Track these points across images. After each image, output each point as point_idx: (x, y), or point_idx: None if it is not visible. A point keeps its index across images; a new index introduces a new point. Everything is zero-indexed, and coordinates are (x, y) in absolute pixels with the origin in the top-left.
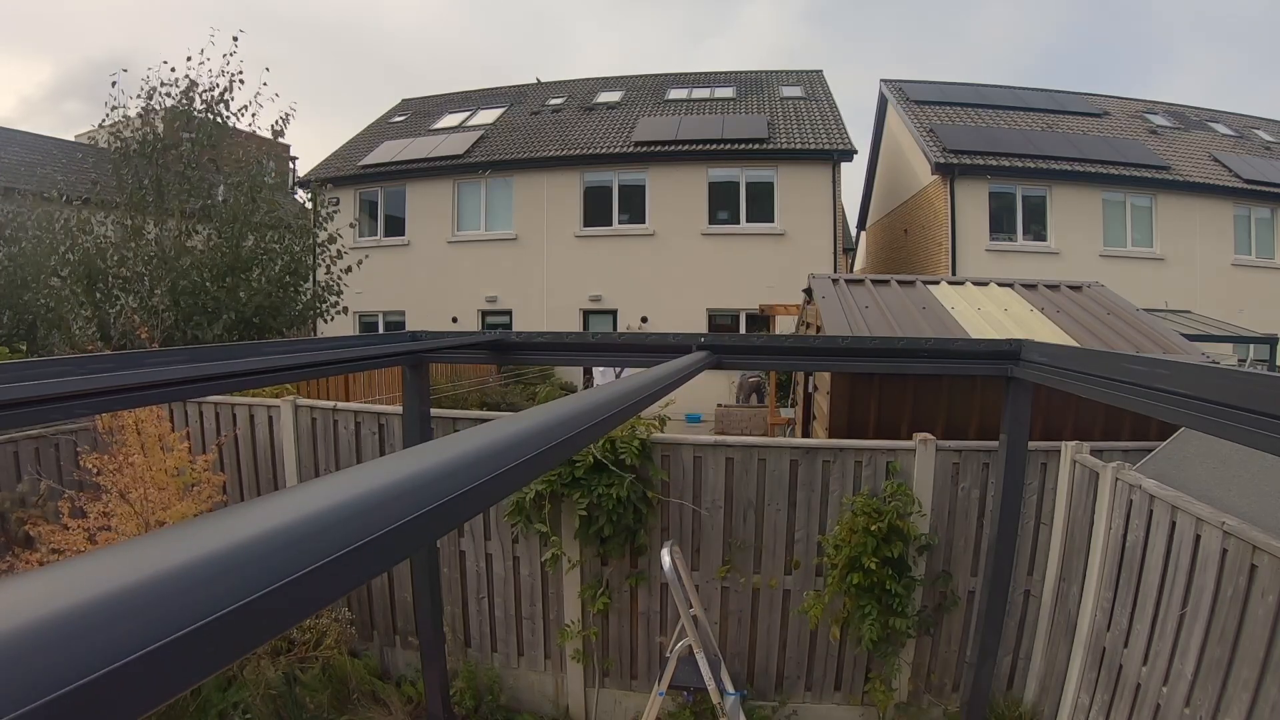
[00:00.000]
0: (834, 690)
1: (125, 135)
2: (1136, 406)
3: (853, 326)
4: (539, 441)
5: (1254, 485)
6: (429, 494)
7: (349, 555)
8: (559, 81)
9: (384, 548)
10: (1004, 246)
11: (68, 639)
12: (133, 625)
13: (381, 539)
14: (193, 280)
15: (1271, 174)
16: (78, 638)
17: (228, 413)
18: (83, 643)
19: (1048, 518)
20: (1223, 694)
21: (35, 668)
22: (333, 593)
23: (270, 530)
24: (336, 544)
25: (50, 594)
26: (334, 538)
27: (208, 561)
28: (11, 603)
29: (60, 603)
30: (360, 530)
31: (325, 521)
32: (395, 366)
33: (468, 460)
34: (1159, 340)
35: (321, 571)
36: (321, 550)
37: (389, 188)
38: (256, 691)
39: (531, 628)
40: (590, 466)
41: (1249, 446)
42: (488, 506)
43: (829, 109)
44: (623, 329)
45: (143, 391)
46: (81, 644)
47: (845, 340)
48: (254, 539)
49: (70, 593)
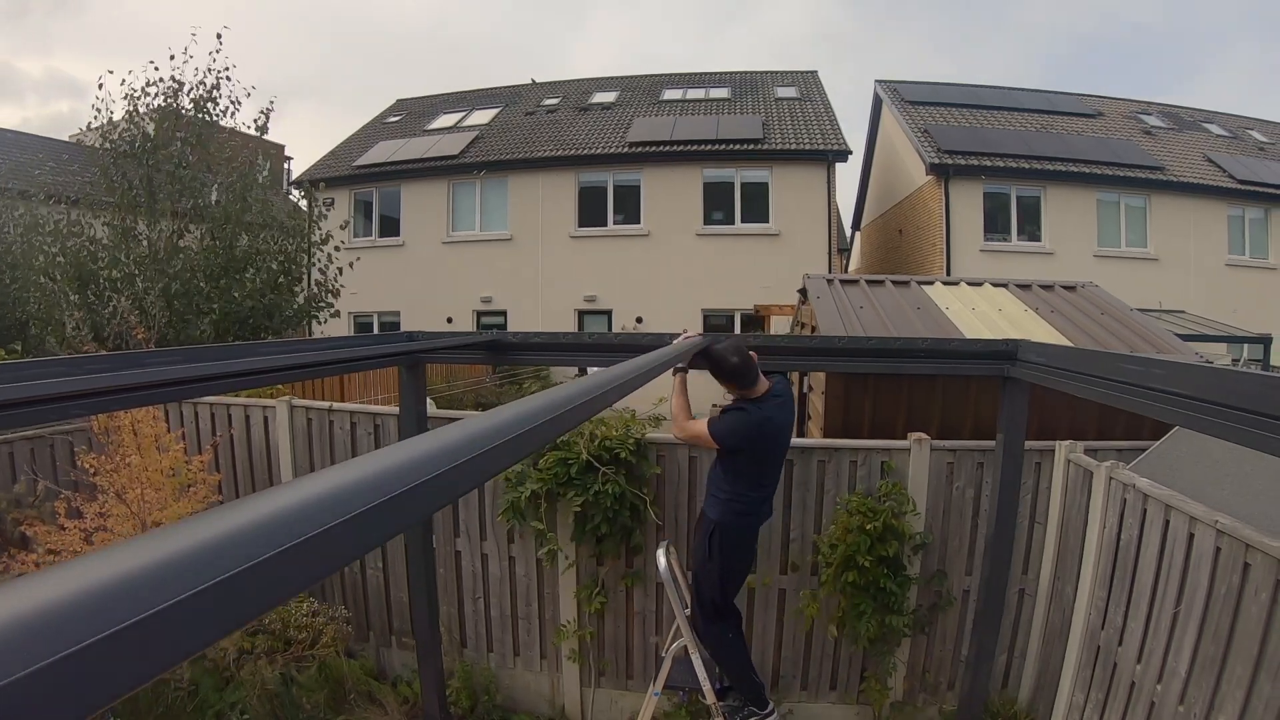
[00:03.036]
0: (829, 689)
1: (114, 137)
2: (1132, 406)
3: (847, 327)
4: (512, 429)
5: (1247, 484)
6: (413, 473)
7: (316, 539)
8: (554, 82)
9: (371, 523)
10: (998, 247)
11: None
12: (114, 599)
13: (369, 513)
14: (185, 281)
15: (1265, 174)
16: (54, 611)
17: (223, 413)
18: (59, 616)
19: (1042, 517)
20: (1216, 691)
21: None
22: (317, 570)
23: (243, 523)
24: (304, 530)
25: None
26: (302, 525)
27: (194, 540)
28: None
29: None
30: (327, 516)
31: (312, 500)
32: (392, 367)
33: (447, 448)
34: (1153, 340)
35: (305, 546)
36: (288, 536)
37: (384, 188)
38: (253, 691)
39: (527, 628)
40: (584, 466)
41: (1244, 445)
42: (466, 491)
43: (824, 109)
44: (618, 329)
45: (139, 392)
46: (58, 617)
47: (843, 340)
48: (230, 531)
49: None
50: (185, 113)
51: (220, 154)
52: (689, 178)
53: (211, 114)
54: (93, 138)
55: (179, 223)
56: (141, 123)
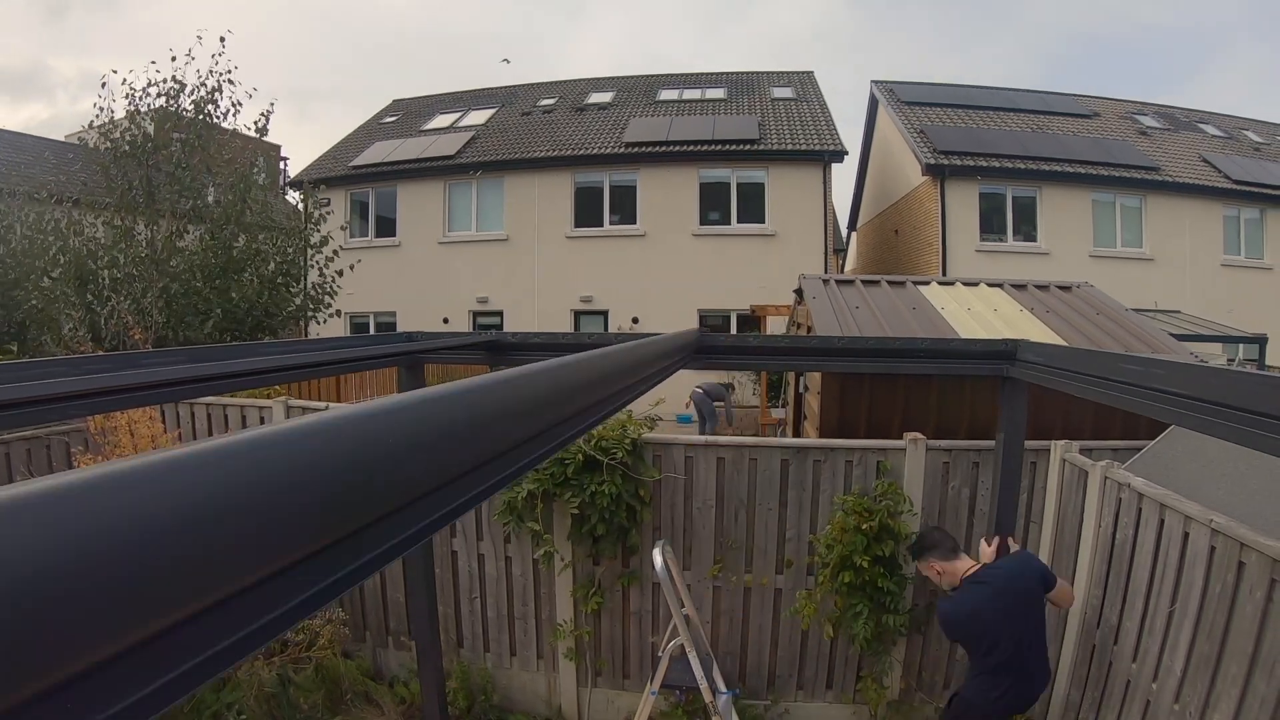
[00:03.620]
0: (826, 689)
1: (114, 137)
2: (1130, 406)
3: (843, 327)
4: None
5: (1241, 483)
6: None
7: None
8: (550, 82)
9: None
10: (994, 247)
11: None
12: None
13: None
14: (184, 281)
15: (1261, 175)
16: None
17: (219, 414)
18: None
19: (1037, 516)
20: (1211, 689)
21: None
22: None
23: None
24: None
25: None
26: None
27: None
28: None
29: None
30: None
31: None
32: (392, 367)
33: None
34: (1148, 340)
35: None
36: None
37: (380, 188)
38: (250, 692)
39: (524, 627)
40: (581, 466)
41: (1241, 444)
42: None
43: (820, 110)
44: (614, 330)
45: (138, 392)
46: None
47: (842, 340)
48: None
49: None
50: (185, 114)
51: (220, 156)
52: (685, 178)
53: (212, 116)
54: (93, 136)
55: (178, 223)
56: (142, 122)
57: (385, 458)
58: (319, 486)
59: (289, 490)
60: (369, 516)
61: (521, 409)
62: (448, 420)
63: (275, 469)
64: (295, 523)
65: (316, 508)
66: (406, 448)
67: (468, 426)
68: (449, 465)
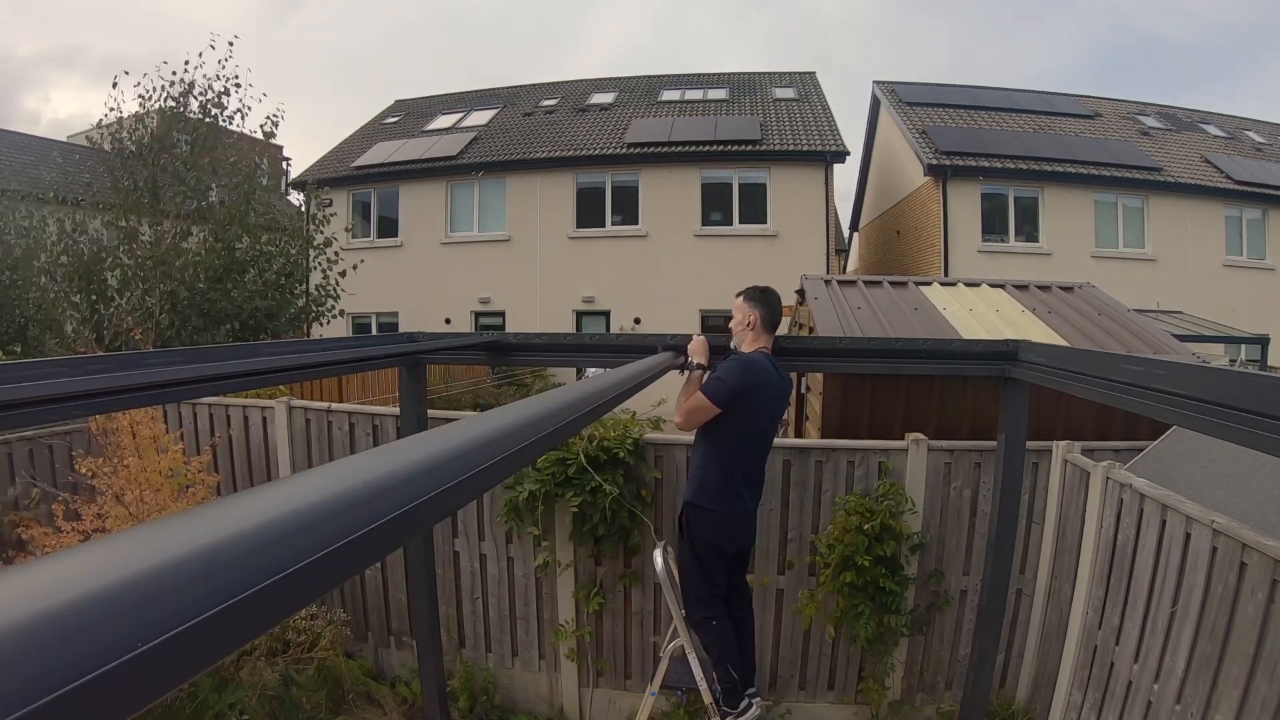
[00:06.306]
0: (828, 689)
1: (121, 136)
2: (1133, 406)
3: (845, 327)
4: (509, 443)
5: (1243, 484)
6: (414, 489)
7: (341, 549)
8: (552, 83)
9: (373, 540)
10: (996, 247)
11: (59, 638)
12: (122, 624)
13: (371, 533)
14: (187, 282)
15: (1263, 175)
16: (68, 637)
17: (221, 414)
18: (73, 642)
19: (1039, 517)
20: (1213, 691)
21: (29, 667)
22: (320, 587)
23: (259, 525)
24: (327, 538)
25: (37, 593)
26: (324, 532)
27: (197, 557)
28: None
29: (48, 602)
30: (350, 524)
31: (316, 515)
32: (393, 367)
33: (443, 459)
34: (1150, 340)
35: (312, 567)
36: (311, 545)
37: (382, 189)
38: (253, 692)
39: (526, 628)
40: (582, 466)
41: (1243, 445)
42: (460, 505)
43: (822, 110)
44: (615, 330)
45: (140, 392)
46: (71, 644)
47: (844, 340)
48: (243, 534)
49: (57, 591)
50: (192, 115)
51: (226, 157)
52: (687, 178)
53: (219, 118)
54: (101, 135)
55: (182, 224)
56: (149, 122)
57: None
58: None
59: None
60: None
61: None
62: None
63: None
64: None
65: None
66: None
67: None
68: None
